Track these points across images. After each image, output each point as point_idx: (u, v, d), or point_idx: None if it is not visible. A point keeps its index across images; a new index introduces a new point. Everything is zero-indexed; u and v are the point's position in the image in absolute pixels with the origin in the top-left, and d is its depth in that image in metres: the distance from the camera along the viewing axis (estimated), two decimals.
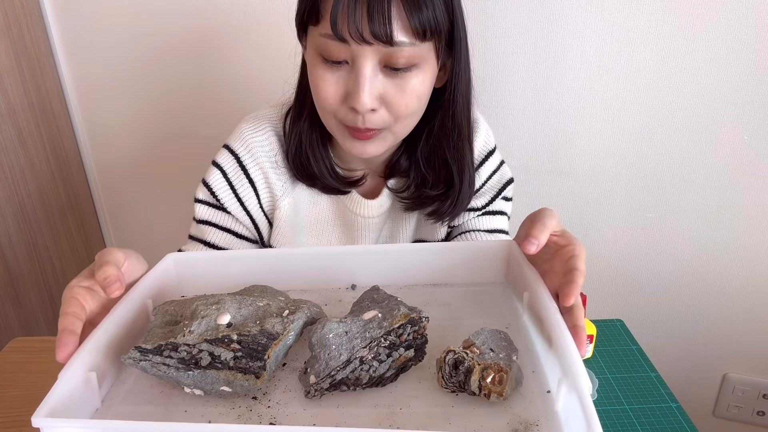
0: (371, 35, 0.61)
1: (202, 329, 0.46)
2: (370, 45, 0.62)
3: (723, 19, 1.09)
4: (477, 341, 0.47)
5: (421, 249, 0.64)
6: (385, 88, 0.66)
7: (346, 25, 0.61)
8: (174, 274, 0.60)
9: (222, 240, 0.80)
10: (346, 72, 0.66)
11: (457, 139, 0.76)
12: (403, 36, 0.62)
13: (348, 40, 0.62)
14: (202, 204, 0.80)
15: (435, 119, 0.76)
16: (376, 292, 0.53)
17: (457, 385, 0.45)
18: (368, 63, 0.63)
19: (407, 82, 0.66)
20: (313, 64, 0.67)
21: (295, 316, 0.50)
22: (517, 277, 0.58)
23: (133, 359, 0.45)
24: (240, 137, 0.79)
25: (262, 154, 0.79)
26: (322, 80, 0.66)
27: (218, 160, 0.79)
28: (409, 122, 0.71)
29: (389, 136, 0.71)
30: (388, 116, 0.68)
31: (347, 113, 0.68)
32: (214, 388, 0.45)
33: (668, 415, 0.81)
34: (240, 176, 0.78)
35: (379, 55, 0.63)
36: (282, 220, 0.81)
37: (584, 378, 0.40)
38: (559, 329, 0.45)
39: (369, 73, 0.64)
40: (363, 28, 0.61)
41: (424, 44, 0.64)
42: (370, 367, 0.45)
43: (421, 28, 0.62)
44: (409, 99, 0.67)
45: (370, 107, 0.65)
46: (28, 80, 1.17)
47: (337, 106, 0.68)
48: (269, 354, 0.46)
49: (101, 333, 0.46)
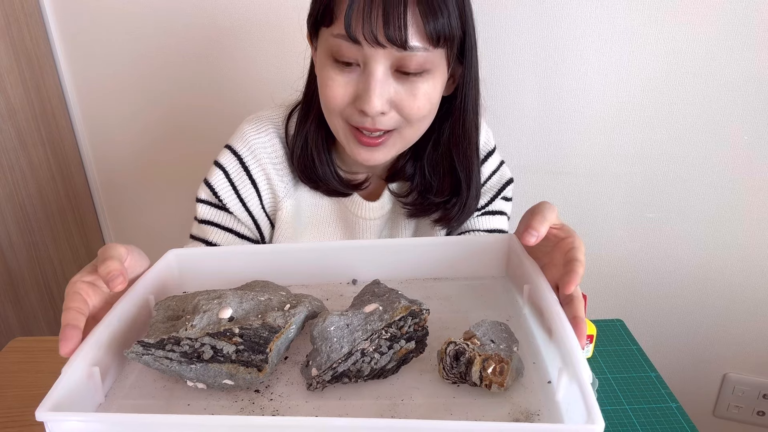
0: (385, 38, 0.61)
1: (204, 323, 0.46)
2: (383, 48, 0.62)
3: (723, 19, 1.09)
4: (478, 333, 0.47)
5: (422, 243, 0.64)
6: (396, 91, 0.66)
7: (360, 27, 0.61)
8: (176, 269, 0.60)
9: (224, 240, 0.80)
10: (356, 74, 0.66)
11: (467, 147, 0.76)
12: (417, 41, 0.62)
13: (361, 42, 0.62)
14: (204, 204, 0.80)
15: (444, 127, 0.76)
16: (377, 286, 0.53)
17: (458, 376, 0.45)
18: (380, 66, 0.64)
19: (418, 86, 0.66)
20: (323, 65, 0.67)
21: (296, 309, 0.50)
22: (517, 270, 0.59)
23: (136, 353, 0.46)
24: (242, 138, 0.79)
25: (265, 156, 0.79)
26: (332, 81, 0.66)
27: (220, 161, 0.79)
28: (420, 126, 0.71)
29: (398, 142, 0.71)
30: (399, 118, 0.68)
31: (355, 114, 0.68)
32: (217, 381, 0.46)
33: (668, 415, 0.81)
34: (242, 177, 0.79)
35: (392, 59, 0.63)
36: (284, 221, 0.81)
37: (584, 367, 0.40)
38: (559, 320, 0.45)
39: (380, 76, 0.64)
40: (378, 30, 0.61)
41: (437, 50, 0.64)
42: (372, 359, 0.46)
43: (435, 34, 0.62)
44: (421, 102, 0.67)
45: (380, 110, 0.65)
46: (28, 80, 1.17)
47: (344, 107, 0.68)
48: (271, 347, 0.46)
49: (104, 328, 0.47)
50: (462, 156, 0.77)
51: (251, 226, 0.81)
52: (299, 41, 1.18)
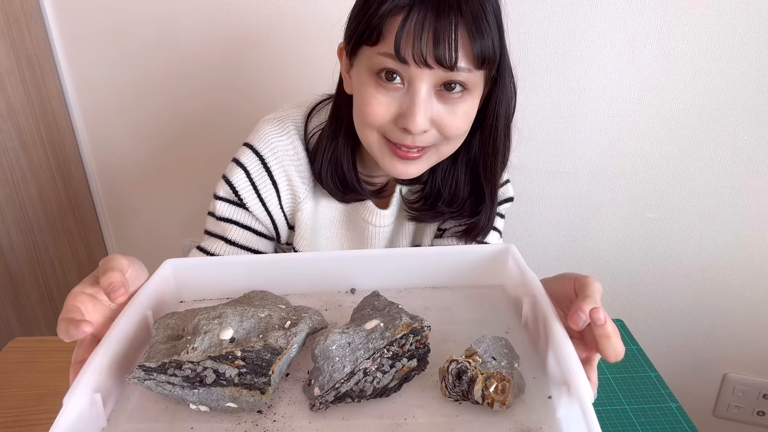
0: (434, 60, 0.62)
1: (205, 345, 0.46)
2: (430, 69, 0.63)
3: (723, 19, 1.09)
4: (479, 350, 0.47)
5: (421, 253, 0.64)
6: (438, 111, 0.67)
7: (410, 48, 0.62)
8: (172, 281, 0.60)
9: (243, 238, 0.81)
10: (399, 93, 0.67)
11: (494, 163, 0.78)
12: (465, 63, 0.63)
13: (409, 62, 0.63)
14: (223, 201, 0.80)
15: (472, 142, 0.77)
16: (376, 299, 0.53)
17: (460, 394, 0.45)
18: (424, 86, 0.65)
19: (458, 106, 0.67)
20: (364, 83, 0.68)
21: (297, 328, 0.50)
22: (517, 281, 0.59)
23: (138, 378, 0.45)
24: (264, 139, 0.79)
25: (287, 158, 0.79)
26: (374, 99, 0.67)
27: (242, 160, 0.79)
28: (455, 143, 0.72)
29: (433, 157, 0.73)
30: (438, 136, 0.69)
31: (395, 131, 0.68)
32: (220, 404, 0.45)
33: (668, 415, 0.81)
34: (264, 177, 0.79)
35: (435, 79, 0.65)
36: (303, 223, 0.82)
37: (584, 384, 0.40)
38: (558, 336, 0.45)
39: (424, 95, 0.65)
40: (427, 52, 0.62)
41: (479, 71, 0.66)
42: (374, 379, 0.46)
43: (481, 56, 0.63)
44: (461, 122, 0.68)
45: (423, 129, 0.66)
46: (28, 80, 1.17)
47: (384, 124, 0.69)
48: (273, 369, 0.46)
49: (103, 352, 0.46)
50: (489, 171, 0.78)
51: (268, 225, 0.82)
52: (299, 41, 1.19)
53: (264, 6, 1.16)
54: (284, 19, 1.17)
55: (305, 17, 1.16)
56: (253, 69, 1.22)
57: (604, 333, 0.47)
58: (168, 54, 1.22)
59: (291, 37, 1.18)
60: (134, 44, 1.21)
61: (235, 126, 1.25)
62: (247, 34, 1.19)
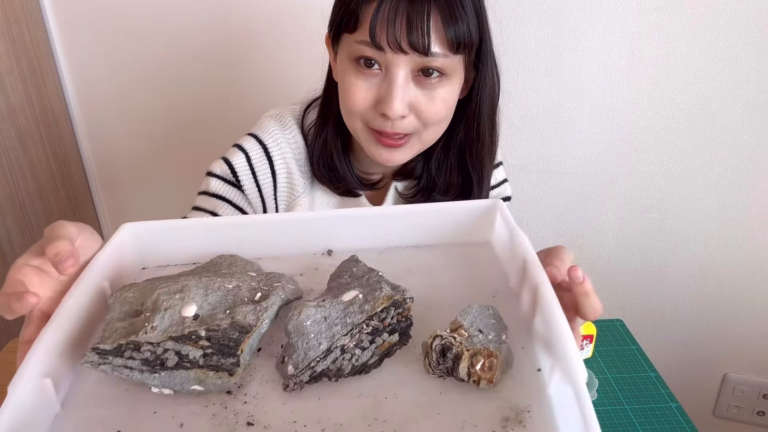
0: (408, 45, 0.63)
1: (165, 324, 0.42)
2: (405, 54, 0.64)
3: (723, 19, 1.09)
4: (465, 322, 0.44)
5: (402, 211, 0.59)
6: (416, 96, 0.68)
7: (384, 34, 0.63)
8: (131, 247, 0.54)
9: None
10: (378, 79, 0.67)
11: (480, 149, 0.78)
12: (439, 48, 0.64)
13: (384, 48, 0.64)
14: (218, 179, 0.80)
15: (458, 129, 0.77)
16: (355, 264, 0.50)
17: (444, 371, 0.43)
18: (401, 71, 0.65)
19: (437, 91, 0.68)
20: (345, 70, 0.69)
21: (268, 301, 0.45)
22: (506, 239, 0.55)
23: (92, 363, 0.41)
24: (268, 131, 0.80)
25: (289, 151, 0.80)
26: (354, 85, 0.68)
27: (244, 145, 0.79)
28: (437, 129, 0.73)
29: (417, 144, 0.73)
30: (417, 122, 0.70)
31: (376, 118, 0.69)
32: (184, 388, 0.41)
33: (668, 415, 0.82)
34: (264, 165, 0.79)
35: (412, 64, 0.65)
36: None
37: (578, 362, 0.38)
38: (550, 303, 0.43)
39: (401, 81, 0.66)
40: (401, 37, 0.63)
41: (456, 56, 0.66)
42: (353, 356, 0.42)
43: (455, 41, 0.64)
44: (438, 107, 0.69)
45: (401, 114, 0.67)
46: (28, 80, 1.17)
47: (365, 110, 0.69)
48: (242, 348, 0.42)
49: (53, 331, 0.41)
50: (475, 158, 0.79)
51: (259, 210, 0.82)
52: (299, 41, 1.19)
53: (264, 6, 1.16)
54: (284, 19, 1.17)
55: (306, 17, 1.16)
56: (253, 69, 1.22)
57: (583, 291, 0.48)
58: (168, 54, 1.22)
59: (291, 37, 1.18)
60: (134, 44, 1.21)
61: (236, 126, 1.25)
62: (247, 34, 1.19)
